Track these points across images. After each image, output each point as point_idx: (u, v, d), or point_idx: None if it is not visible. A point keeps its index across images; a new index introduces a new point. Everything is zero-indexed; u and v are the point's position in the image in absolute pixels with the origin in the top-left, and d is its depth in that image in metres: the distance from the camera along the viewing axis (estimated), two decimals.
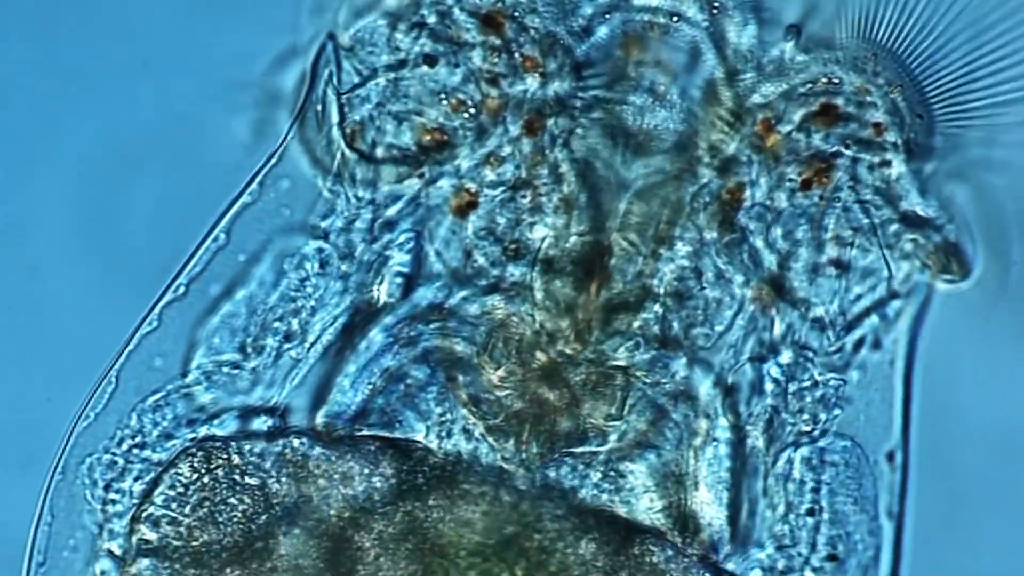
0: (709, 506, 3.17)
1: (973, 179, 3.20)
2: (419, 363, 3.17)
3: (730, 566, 3.17)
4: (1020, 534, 3.26)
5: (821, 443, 3.19)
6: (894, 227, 3.16)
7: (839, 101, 3.15)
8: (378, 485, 3.12)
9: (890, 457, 3.20)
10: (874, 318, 3.19)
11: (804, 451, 3.18)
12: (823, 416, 3.19)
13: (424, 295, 3.18)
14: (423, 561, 3.11)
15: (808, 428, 3.18)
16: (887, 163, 3.15)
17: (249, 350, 3.18)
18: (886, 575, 3.20)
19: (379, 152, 3.16)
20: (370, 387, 3.16)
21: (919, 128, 3.17)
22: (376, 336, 3.17)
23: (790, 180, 3.15)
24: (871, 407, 3.20)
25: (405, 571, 3.10)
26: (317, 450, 3.13)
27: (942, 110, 3.18)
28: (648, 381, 3.16)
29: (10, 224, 3.31)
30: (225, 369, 3.18)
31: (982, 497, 3.26)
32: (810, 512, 3.18)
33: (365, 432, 3.15)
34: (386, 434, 3.15)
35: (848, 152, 3.15)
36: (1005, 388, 3.25)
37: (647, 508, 3.16)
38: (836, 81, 3.15)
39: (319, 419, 3.16)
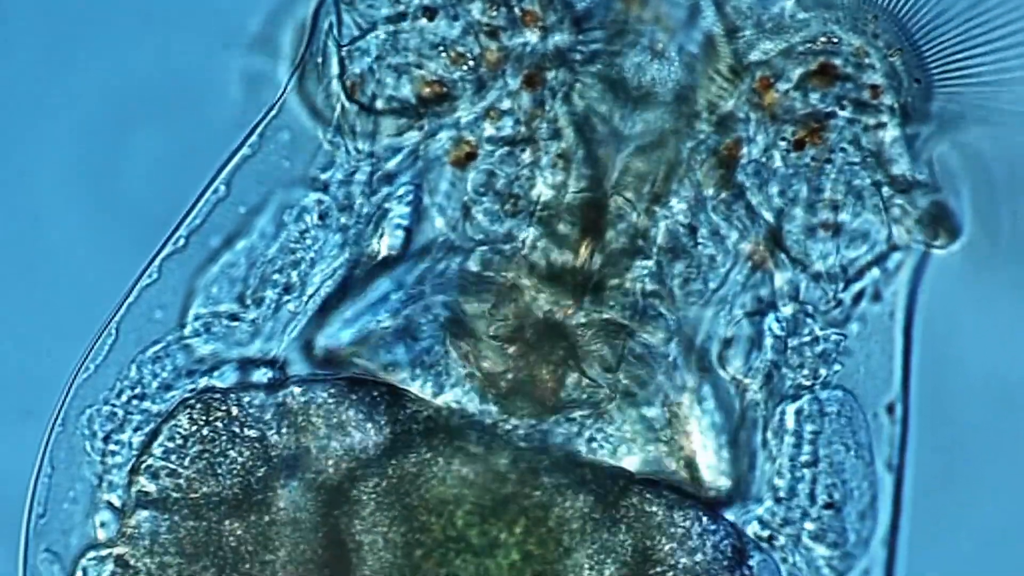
0: (706, 457, 3.17)
1: (966, 145, 3.20)
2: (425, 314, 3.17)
3: (729, 517, 3.16)
4: (1019, 484, 3.25)
5: (816, 395, 3.18)
6: (884, 191, 3.16)
7: (838, 61, 3.15)
8: (374, 436, 3.11)
9: (890, 409, 3.20)
10: (874, 270, 3.19)
11: (800, 403, 3.18)
12: (823, 371, 3.18)
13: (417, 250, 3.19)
14: (419, 519, 3.10)
15: (808, 383, 3.18)
16: (881, 125, 3.15)
17: (248, 302, 3.18)
18: (886, 525, 3.19)
19: (379, 104, 3.16)
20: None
21: (916, 93, 3.17)
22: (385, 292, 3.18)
23: (783, 140, 3.16)
24: (871, 359, 3.20)
25: (400, 528, 3.10)
26: (319, 393, 3.11)
27: (940, 75, 3.18)
28: (644, 337, 3.16)
29: (11, 176, 3.33)
30: (224, 321, 3.18)
31: (982, 447, 3.26)
32: (807, 464, 3.17)
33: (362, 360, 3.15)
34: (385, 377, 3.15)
35: (842, 113, 3.15)
36: (1005, 339, 3.25)
37: (644, 459, 3.16)
38: (835, 41, 3.16)
39: (319, 342, 3.16)
